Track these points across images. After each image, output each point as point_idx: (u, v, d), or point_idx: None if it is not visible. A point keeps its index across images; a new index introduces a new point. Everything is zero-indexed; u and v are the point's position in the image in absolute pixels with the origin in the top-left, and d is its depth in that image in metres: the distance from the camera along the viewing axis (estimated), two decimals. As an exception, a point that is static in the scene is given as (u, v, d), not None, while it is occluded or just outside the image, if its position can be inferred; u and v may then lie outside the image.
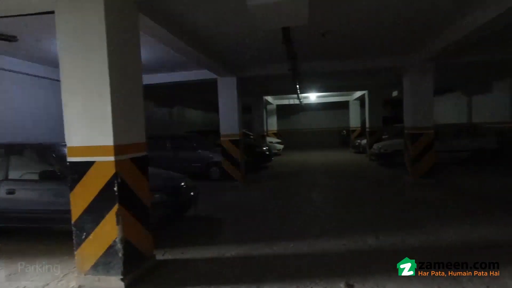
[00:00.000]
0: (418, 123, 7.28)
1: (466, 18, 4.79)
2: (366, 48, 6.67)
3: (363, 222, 4.55)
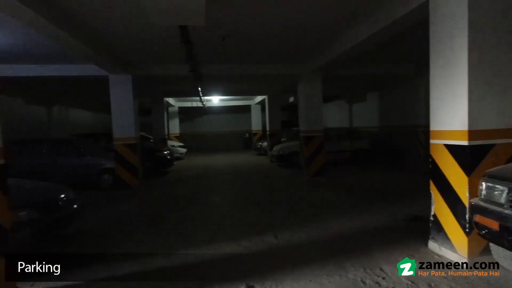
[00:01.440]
0: (310, 126, 8.03)
1: (343, 38, 5.53)
2: (267, 55, 6.99)
3: (263, 222, 4.67)
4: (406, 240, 3.61)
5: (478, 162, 2.90)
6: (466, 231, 2.92)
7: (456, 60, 2.96)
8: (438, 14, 3.18)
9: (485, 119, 2.90)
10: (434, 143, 3.31)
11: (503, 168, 2.64)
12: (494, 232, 2.42)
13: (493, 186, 2.51)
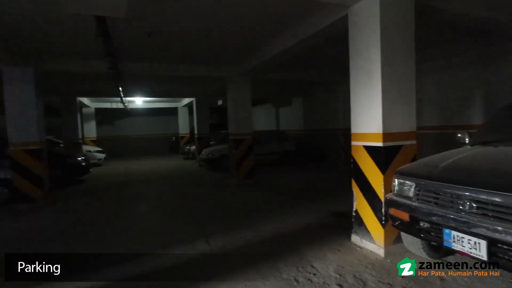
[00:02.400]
0: (239, 129, 8.08)
1: (270, 44, 5.71)
2: (195, 56, 6.77)
3: (194, 229, 4.48)
4: (332, 236, 3.85)
5: (391, 161, 3.26)
6: (383, 223, 3.25)
7: (371, 71, 3.27)
8: (356, 28, 3.49)
9: (395, 124, 3.27)
10: (354, 145, 3.61)
11: (411, 166, 3.01)
12: (405, 223, 2.73)
13: (403, 182, 2.83)
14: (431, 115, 7.24)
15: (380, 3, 3.13)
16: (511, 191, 2.07)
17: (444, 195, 2.48)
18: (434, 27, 4.97)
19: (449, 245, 2.37)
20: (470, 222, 2.22)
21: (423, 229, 2.58)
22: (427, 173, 2.70)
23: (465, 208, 2.30)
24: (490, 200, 2.17)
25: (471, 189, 2.29)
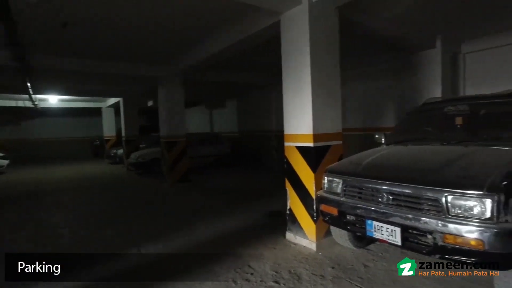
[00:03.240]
0: (172, 132, 7.77)
1: (204, 45, 5.65)
2: (121, 52, 6.28)
3: (125, 238, 4.14)
4: (268, 235, 3.95)
5: (321, 160, 3.49)
6: (314, 219, 3.46)
7: (302, 76, 3.46)
8: (288, 34, 3.66)
9: (324, 125, 3.52)
10: (287, 145, 3.77)
11: (338, 164, 3.26)
12: (334, 217, 2.95)
13: (332, 179, 3.05)
14: (354, 118, 8.00)
15: (309, 12, 3.34)
16: (418, 184, 2.40)
17: (366, 189, 2.74)
18: (356, 39, 5.50)
19: (371, 234, 2.63)
20: (387, 213, 2.50)
21: (350, 221, 2.82)
22: (352, 170, 2.96)
23: (383, 200, 2.58)
24: (402, 192, 2.47)
25: (387, 183, 2.58)
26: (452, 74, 6.18)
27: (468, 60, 6.27)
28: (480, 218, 2.07)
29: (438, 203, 2.24)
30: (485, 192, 2.05)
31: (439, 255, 2.25)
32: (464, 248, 2.10)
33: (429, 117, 3.86)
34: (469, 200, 2.12)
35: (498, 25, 5.31)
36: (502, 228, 1.99)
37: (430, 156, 2.92)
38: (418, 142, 3.42)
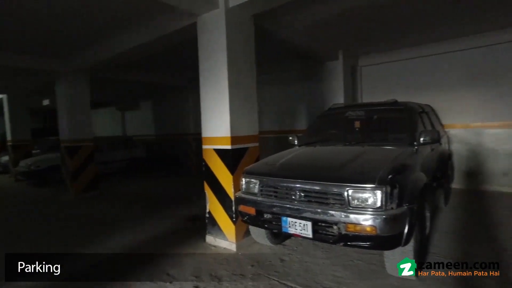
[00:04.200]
0: (76, 135, 6.90)
1: (113, 41, 5.20)
2: (7, 39, 5.28)
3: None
4: (187, 240, 3.85)
5: (238, 162, 3.56)
6: (233, 220, 3.51)
7: (219, 79, 3.49)
8: (204, 36, 3.64)
9: (241, 128, 3.61)
10: (205, 148, 3.74)
11: (255, 165, 3.39)
12: (252, 217, 3.05)
13: (250, 180, 3.16)
14: (271, 121, 8.42)
15: (226, 17, 3.39)
16: (325, 180, 2.67)
17: (281, 188, 2.92)
18: (271, 46, 5.81)
19: (286, 230, 2.81)
20: (300, 209, 2.71)
21: (267, 220, 2.96)
22: (268, 171, 3.11)
23: (296, 197, 2.78)
24: (312, 189, 2.71)
25: (299, 181, 2.80)
26: (352, 83, 7.08)
27: (364, 72, 7.29)
28: (373, 208, 2.42)
29: (341, 197, 2.53)
30: (376, 185, 2.41)
31: (343, 243, 2.54)
32: (362, 234, 2.42)
33: (334, 121, 4.34)
34: (365, 192, 2.46)
35: (387, 45, 6.34)
36: (389, 214, 2.36)
37: (334, 155, 3.28)
38: (325, 143, 3.81)
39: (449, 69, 6.18)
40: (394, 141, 3.39)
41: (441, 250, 3.32)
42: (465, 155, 6.15)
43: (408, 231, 2.42)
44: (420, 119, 3.85)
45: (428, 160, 3.55)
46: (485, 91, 5.88)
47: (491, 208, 4.78)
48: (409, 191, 2.56)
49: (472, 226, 4.05)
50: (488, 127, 5.94)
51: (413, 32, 5.49)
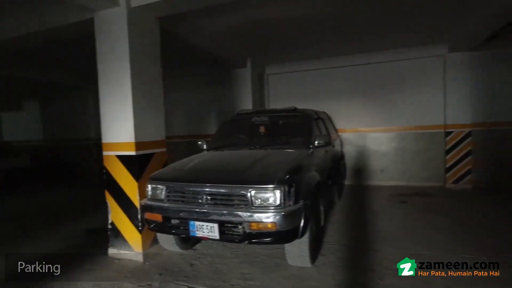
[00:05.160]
0: None
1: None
2: None
3: None
4: (87, 256, 3.48)
5: (144, 168, 3.42)
6: (139, 229, 3.35)
7: (121, 81, 3.30)
8: (104, 35, 3.38)
9: (147, 133, 3.48)
10: (107, 155, 3.48)
11: (162, 171, 3.31)
12: (159, 223, 2.97)
13: (156, 186, 3.07)
14: (181, 125, 8.25)
15: (128, 17, 3.23)
16: (231, 183, 2.79)
17: (188, 193, 2.93)
18: (180, 51, 5.73)
19: (194, 234, 2.82)
20: (207, 212, 2.77)
21: (174, 225, 2.92)
22: (175, 176, 3.08)
23: (203, 201, 2.83)
24: (219, 192, 2.81)
25: (206, 185, 2.86)
26: (260, 90, 7.51)
27: (271, 80, 7.81)
28: (273, 206, 2.64)
29: (245, 197, 2.69)
30: (276, 185, 2.64)
31: (247, 241, 2.69)
32: (264, 231, 2.61)
33: (241, 126, 4.54)
34: (266, 192, 2.67)
35: (291, 56, 6.95)
36: (287, 211, 2.62)
37: (240, 159, 3.44)
38: (233, 147, 3.97)
39: (341, 81, 7.15)
40: (294, 144, 3.76)
41: (335, 238, 3.82)
42: (354, 156, 7.17)
43: (304, 225, 2.72)
44: (315, 125, 4.36)
45: (322, 160, 4.05)
46: (369, 102, 6.99)
47: (372, 199, 5.70)
48: (304, 188, 2.88)
49: (359, 215, 4.77)
50: (371, 131, 7.07)
51: (312, 47, 6.17)
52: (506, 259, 2.98)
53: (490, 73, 6.03)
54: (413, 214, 4.70)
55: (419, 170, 6.69)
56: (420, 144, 6.68)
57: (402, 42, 6.10)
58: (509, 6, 3.87)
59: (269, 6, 4.03)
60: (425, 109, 6.57)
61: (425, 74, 6.51)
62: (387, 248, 3.46)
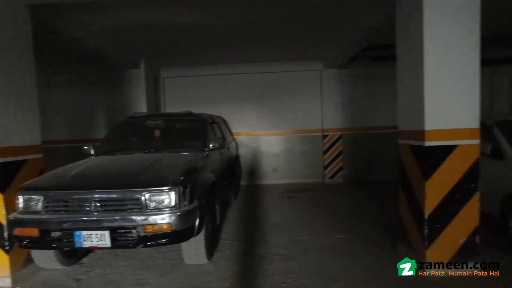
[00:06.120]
0: None
1: None
2: None
3: None
4: None
5: (12, 177, 2.95)
6: (6, 249, 2.86)
7: None
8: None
9: (15, 137, 3.00)
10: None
11: (38, 180, 2.92)
12: (35, 239, 2.61)
13: (30, 197, 2.69)
14: (63, 129, 7.26)
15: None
16: (123, 188, 2.70)
17: (73, 201, 2.68)
18: (63, 45, 5.06)
19: (81, 245, 2.60)
20: (97, 219, 2.60)
21: (55, 238, 2.63)
22: (55, 184, 2.78)
23: (91, 208, 2.64)
24: (110, 197, 2.67)
25: (96, 191, 2.68)
26: (155, 93, 7.27)
27: (167, 83, 7.66)
28: (168, 207, 2.68)
29: (139, 201, 2.64)
30: (170, 187, 2.68)
31: (142, 245, 2.65)
32: (160, 232, 2.62)
33: (134, 129, 4.37)
34: (161, 194, 2.68)
35: (186, 61, 6.96)
36: (182, 211, 2.69)
37: (134, 163, 3.33)
38: (125, 151, 3.79)
39: (237, 87, 7.57)
40: (189, 147, 3.84)
41: (231, 234, 4.06)
42: (249, 158, 7.68)
43: (199, 223, 2.84)
44: (211, 128, 4.55)
45: (217, 162, 4.26)
46: (261, 107, 7.60)
47: (265, 197, 6.24)
48: (199, 189, 3.01)
49: (253, 212, 5.16)
50: (264, 135, 7.70)
51: (207, 53, 6.35)
52: (359, 233, 3.83)
53: (353, 87, 7.46)
54: (298, 207, 5.38)
55: (304, 169, 7.65)
56: (304, 146, 7.65)
57: (290, 56, 6.91)
58: (365, 35, 4.90)
59: (154, 9, 3.93)
60: (308, 115, 7.57)
61: (308, 85, 7.51)
62: (276, 238, 3.89)
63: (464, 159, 2.77)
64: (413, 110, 2.93)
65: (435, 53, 2.71)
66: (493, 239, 3.46)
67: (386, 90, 7.09)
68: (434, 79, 2.73)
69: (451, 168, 2.77)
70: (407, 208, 3.11)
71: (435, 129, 2.75)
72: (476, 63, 2.72)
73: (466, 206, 2.78)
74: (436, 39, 2.70)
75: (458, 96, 2.75)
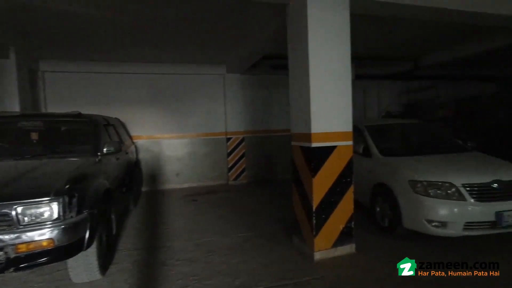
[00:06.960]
0: None
1: None
2: None
3: None
4: None
5: None
6: None
7: None
8: None
9: None
10: None
11: None
12: None
13: None
14: None
15: None
16: None
17: None
18: None
19: None
20: None
21: None
22: None
23: None
24: None
25: None
26: (33, 90, 6.16)
27: (48, 79, 6.58)
28: (50, 220, 2.33)
29: (8, 216, 2.22)
30: (52, 197, 2.34)
31: (13, 268, 2.23)
32: (38, 251, 2.26)
33: (2, 132, 3.62)
34: (39, 207, 2.31)
35: (72, 54, 6.11)
36: (67, 223, 2.38)
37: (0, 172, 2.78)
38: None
39: (135, 87, 7.05)
40: (78, 152, 3.41)
41: (129, 244, 3.77)
42: (151, 162, 7.27)
43: (90, 235, 2.55)
44: (105, 131, 4.14)
45: (113, 168, 3.91)
46: (164, 110, 7.28)
47: (168, 202, 6.01)
48: (90, 198, 2.71)
49: (155, 218, 4.91)
50: (166, 138, 7.40)
51: (99, 47, 5.70)
52: (259, 230, 4.08)
53: (254, 92, 7.90)
54: (202, 209, 5.37)
55: (208, 171, 7.68)
56: (208, 149, 7.68)
57: (193, 59, 6.83)
58: (263, 45, 5.23)
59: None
60: (212, 118, 7.64)
61: (212, 88, 7.57)
62: (178, 242, 3.81)
63: (342, 158, 3.27)
64: (302, 115, 3.31)
65: (318, 68, 3.14)
66: (366, 224, 4.17)
67: (282, 96, 7.74)
68: (317, 90, 3.15)
69: (332, 166, 3.23)
70: (299, 203, 3.47)
71: (319, 132, 3.17)
72: (348, 79, 3.28)
73: (344, 197, 3.29)
74: (318, 57, 3.13)
75: (335, 105, 3.24)
